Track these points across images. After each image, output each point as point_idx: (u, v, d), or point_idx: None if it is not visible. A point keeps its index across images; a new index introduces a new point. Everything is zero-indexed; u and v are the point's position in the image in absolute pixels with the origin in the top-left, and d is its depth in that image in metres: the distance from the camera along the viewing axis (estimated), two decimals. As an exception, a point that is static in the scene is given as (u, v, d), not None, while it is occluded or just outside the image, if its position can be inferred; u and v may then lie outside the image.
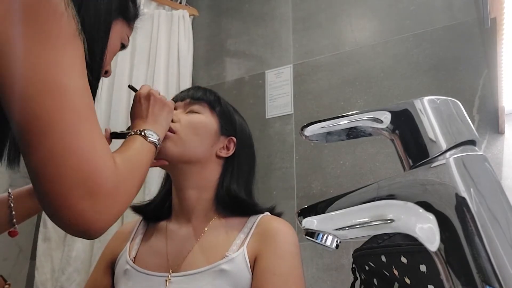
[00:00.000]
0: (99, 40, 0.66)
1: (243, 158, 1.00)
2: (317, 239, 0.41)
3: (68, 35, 0.53)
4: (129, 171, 0.61)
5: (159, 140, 0.78)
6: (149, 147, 0.75)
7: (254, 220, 0.92)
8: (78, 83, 0.53)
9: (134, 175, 0.63)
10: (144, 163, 0.71)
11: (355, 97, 1.62)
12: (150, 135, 0.76)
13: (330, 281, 1.46)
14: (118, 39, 0.76)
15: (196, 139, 0.92)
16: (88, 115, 0.53)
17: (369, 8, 1.70)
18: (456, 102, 0.42)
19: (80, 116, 0.52)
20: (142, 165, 0.69)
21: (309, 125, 0.45)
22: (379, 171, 1.49)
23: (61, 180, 0.49)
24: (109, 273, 0.96)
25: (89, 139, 0.52)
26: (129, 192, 0.60)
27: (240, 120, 1.04)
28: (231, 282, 0.82)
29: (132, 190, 0.61)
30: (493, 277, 0.32)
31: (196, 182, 0.94)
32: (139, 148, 0.72)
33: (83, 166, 0.50)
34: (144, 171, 0.69)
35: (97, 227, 0.53)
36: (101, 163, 0.52)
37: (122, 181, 0.56)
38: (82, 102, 0.52)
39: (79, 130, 0.51)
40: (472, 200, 0.35)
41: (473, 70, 1.43)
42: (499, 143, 1.35)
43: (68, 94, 0.51)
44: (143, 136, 0.75)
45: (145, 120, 0.81)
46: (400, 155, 0.42)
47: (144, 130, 0.76)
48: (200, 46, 2.06)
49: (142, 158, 0.71)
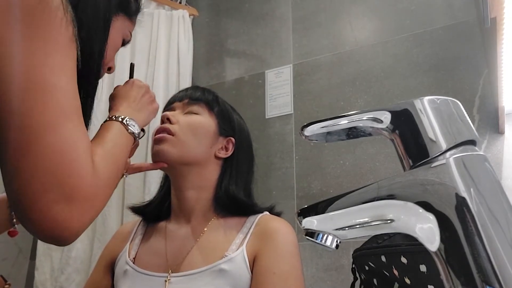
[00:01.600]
0: (98, 38, 0.65)
1: (242, 158, 1.00)
2: (317, 239, 0.41)
3: (63, 40, 0.52)
4: (108, 172, 0.57)
5: (139, 134, 0.74)
6: (127, 139, 0.70)
7: (253, 220, 0.92)
8: (65, 84, 0.51)
9: (113, 175, 0.59)
10: (122, 158, 0.66)
11: (355, 97, 1.62)
12: (132, 125, 0.71)
13: (330, 281, 1.46)
14: (120, 35, 0.74)
15: (195, 141, 0.92)
16: (72, 115, 0.51)
17: (369, 8, 1.70)
18: (456, 102, 0.42)
19: (63, 115, 0.49)
20: (120, 160, 0.64)
21: (309, 125, 0.45)
22: (379, 171, 1.49)
23: (35, 181, 0.46)
24: (109, 273, 0.96)
25: (70, 139, 0.50)
26: (107, 195, 0.57)
27: (239, 119, 1.04)
28: (231, 282, 0.82)
29: (110, 192, 0.58)
30: (493, 277, 0.32)
31: (195, 183, 0.93)
32: (117, 139, 0.67)
33: (60, 167, 0.47)
34: (121, 166, 0.65)
35: (69, 234, 0.50)
36: (80, 166, 0.50)
37: (101, 184, 0.53)
38: (67, 102, 0.51)
39: (60, 129, 0.49)
40: (472, 200, 0.35)
41: (473, 70, 1.43)
42: (499, 143, 1.35)
43: (53, 92, 0.49)
44: (124, 124, 0.70)
45: (129, 104, 0.77)
46: (400, 155, 0.42)
47: (126, 118, 0.71)
48: (200, 46, 2.06)
49: (120, 151, 0.66)
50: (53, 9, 0.51)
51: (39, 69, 0.49)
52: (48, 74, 0.49)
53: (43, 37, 0.50)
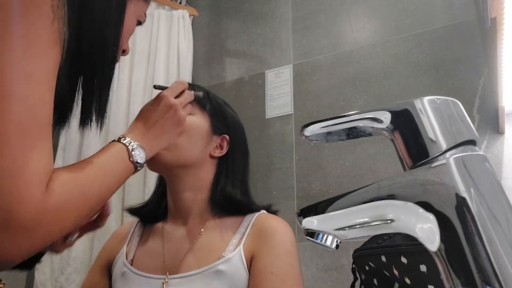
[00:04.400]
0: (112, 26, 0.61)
1: (237, 155, 0.98)
2: (317, 239, 0.41)
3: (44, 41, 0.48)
4: (66, 200, 0.50)
5: (144, 163, 0.67)
6: (125, 166, 0.63)
7: (250, 219, 0.91)
8: (33, 92, 0.46)
9: (73, 204, 0.52)
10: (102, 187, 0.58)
11: (355, 97, 1.62)
12: (137, 154, 0.65)
13: (330, 281, 1.46)
14: (135, 17, 0.70)
15: (189, 143, 0.90)
16: (30, 128, 0.46)
17: (369, 8, 1.70)
18: (456, 102, 0.42)
19: (19, 131, 0.44)
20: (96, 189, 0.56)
21: (309, 125, 0.45)
22: (379, 171, 1.49)
23: None
24: (106, 275, 0.95)
25: (20, 159, 0.44)
26: (59, 224, 0.50)
27: (232, 113, 1.01)
28: (228, 282, 0.82)
29: (64, 221, 0.51)
30: (493, 277, 0.32)
31: (190, 184, 0.92)
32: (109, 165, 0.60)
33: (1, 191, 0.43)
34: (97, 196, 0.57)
35: (7, 260, 0.46)
36: (24, 191, 0.44)
37: (49, 213, 0.47)
38: (28, 113, 0.45)
39: (10, 146, 0.44)
40: (472, 200, 0.35)
41: (473, 70, 1.43)
42: (499, 143, 1.35)
43: (14, 103, 0.44)
44: (128, 150, 0.64)
45: (148, 129, 0.72)
46: (400, 155, 0.42)
47: (133, 144, 0.65)
48: (200, 46, 2.06)
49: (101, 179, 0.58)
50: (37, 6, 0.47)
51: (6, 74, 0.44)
52: (16, 81, 0.45)
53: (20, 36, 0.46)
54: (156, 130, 0.73)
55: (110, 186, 0.60)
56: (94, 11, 0.57)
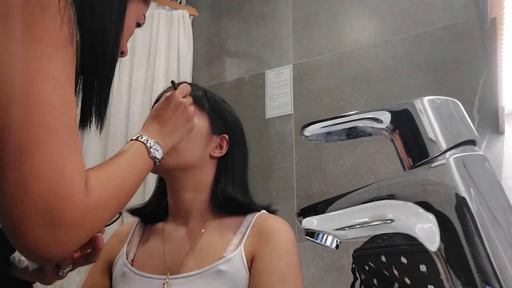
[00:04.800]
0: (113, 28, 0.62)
1: (237, 155, 0.98)
2: (317, 239, 0.41)
3: (59, 42, 0.49)
4: (105, 196, 0.53)
5: (162, 158, 0.72)
6: (147, 162, 0.68)
7: (251, 219, 0.91)
8: (59, 95, 0.48)
9: (111, 200, 0.55)
10: (131, 182, 0.62)
11: (355, 97, 1.62)
12: (155, 150, 0.70)
13: (330, 281, 1.46)
14: (134, 19, 0.71)
15: (189, 145, 0.89)
16: (63, 131, 0.47)
17: (369, 8, 1.70)
18: (456, 102, 0.42)
19: (52, 133, 0.46)
20: (127, 185, 0.61)
21: (309, 125, 0.45)
22: (379, 171, 1.49)
23: (19, 205, 0.44)
24: (107, 275, 0.95)
25: (58, 160, 0.46)
26: (100, 220, 0.54)
27: (231, 112, 1.00)
28: (229, 282, 0.82)
29: (105, 216, 0.55)
30: (493, 277, 0.32)
31: (191, 185, 0.92)
32: (134, 161, 0.65)
33: (47, 192, 0.45)
34: (128, 191, 0.61)
35: (55, 256, 0.48)
36: (68, 190, 0.46)
37: (92, 209, 0.50)
38: (58, 117, 0.47)
39: (48, 149, 0.46)
40: (472, 200, 0.35)
41: (473, 70, 1.43)
42: (499, 143, 1.35)
43: (43, 106, 0.46)
44: (147, 147, 0.69)
45: (162, 127, 0.76)
46: (400, 155, 0.42)
47: (150, 141, 0.70)
48: (200, 46, 2.06)
49: (129, 176, 0.62)
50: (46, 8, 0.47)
51: (31, 78, 0.46)
52: (41, 85, 0.46)
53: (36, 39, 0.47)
54: (169, 127, 0.78)
55: (136, 181, 0.64)
56: (96, 11, 0.58)
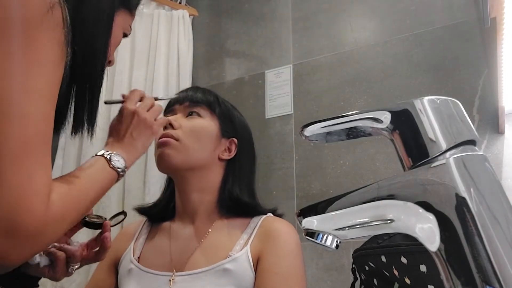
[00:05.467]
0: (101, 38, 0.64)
1: (245, 158, 1.00)
2: (317, 239, 0.41)
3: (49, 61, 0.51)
4: (65, 211, 0.55)
5: (125, 168, 0.73)
6: (109, 174, 0.69)
7: (257, 221, 0.93)
8: (40, 110, 0.49)
9: (70, 213, 0.57)
10: (92, 195, 0.64)
11: (355, 97, 1.62)
12: (116, 160, 0.70)
13: (330, 281, 1.46)
14: (121, 30, 0.74)
15: (198, 146, 0.92)
16: (36, 145, 0.49)
17: (369, 8, 1.70)
18: (456, 102, 0.42)
19: (26, 146, 0.48)
20: (87, 198, 0.63)
21: (309, 125, 0.45)
22: (379, 171, 1.49)
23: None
24: (113, 272, 0.96)
25: (25, 174, 0.48)
26: (58, 232, 0.56)
27: (240, 117, 1.03)
28: (235, 281, 0.83)
29: (63, 228, 0.57)
30: (493, 277, 0.32)
31: (199, 186, 0.94)
32: (94, 174, 0.66)
33: (10, 202, 0.47)
34: (88, 203, 0.63)
35: (9, 263, 0.50)
36: (30, 203, 0.48)
37: (50, 223, 0.52)
38: (35, 131, 0.49)
39: (19, 162, 0.48)
40: (472, 200, 0.35)
41: (473, 70, 1.43)
42: (499, 143, 1.35)
43: (21, 119, 0.48)
44: (107, 160, 0.69)
45: (120, 140, 0.76)
46: (400, 155, 0.42)
47: (111, 154, 0.70)
48: (200, 46, 2.06)
49: (92, 188, 0.64)
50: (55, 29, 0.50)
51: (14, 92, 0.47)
52: (23, 98, 0.48)
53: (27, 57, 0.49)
54: (128, 138, 0.77)
55: (97, 193, 0.66)
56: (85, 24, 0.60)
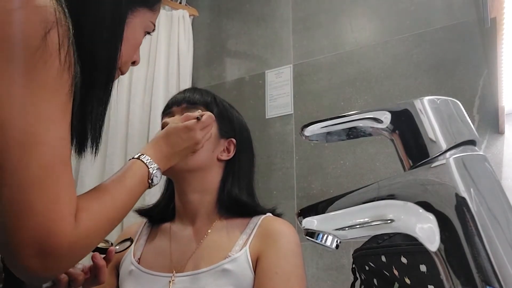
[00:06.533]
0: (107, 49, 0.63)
1: (244, 158, 1.00)
2: (317, 239, 0.41)
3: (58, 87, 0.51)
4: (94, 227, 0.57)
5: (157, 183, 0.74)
6: (143, 188, 0.70)
7: (256, 221, 0.93)
8: (54, 134, 0.51)
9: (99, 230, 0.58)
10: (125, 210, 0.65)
11: (355, 97, 1.62)
12: (155, 176, 0.71)
13: (330, 281, 1.46)
14: (140, 30, 0.70)
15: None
16: (56, 167, 0.51)
17: (369, 8, 1.70)
18: (456, 102, 0.42)
19: (46, 170, 0.50)
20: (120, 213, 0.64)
21: (309, 125, 0.45)
22: (379, 171, 1.49)
23: (14, 236, 0.48)
24: (114, 273, 0.96)
25: (51, 195, 0.50)
26: (88, 248, 0.58)
27: (238, 117, 1.03)
28: (234, 281, 0.83)
29: (93, 244, 0.59)
30: (493, 277, 0.32)
31: (198, 187, 0.94)
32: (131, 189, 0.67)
33: (39, 225, 0.49)
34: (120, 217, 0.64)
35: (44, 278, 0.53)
36: (59, 224, 0.50)
37: (79, 241, 0.53)
38: (53, 154, 0.51)
39: (42, 185, 0.49)
40: (472, 200, 0.35)
41: (473, 70, 1.43)
42: (499, 143, 1.35)
43: (38, 146, 0.49)
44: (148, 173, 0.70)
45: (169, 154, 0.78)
46: (400, 155, 0.42)
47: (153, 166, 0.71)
48: (200, 46, 2.06)
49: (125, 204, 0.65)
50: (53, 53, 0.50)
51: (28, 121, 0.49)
52: (36, 126, 0.49)
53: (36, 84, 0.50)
54: (175, 156, 0.80)
55: (130, 206, 0.67)
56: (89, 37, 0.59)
